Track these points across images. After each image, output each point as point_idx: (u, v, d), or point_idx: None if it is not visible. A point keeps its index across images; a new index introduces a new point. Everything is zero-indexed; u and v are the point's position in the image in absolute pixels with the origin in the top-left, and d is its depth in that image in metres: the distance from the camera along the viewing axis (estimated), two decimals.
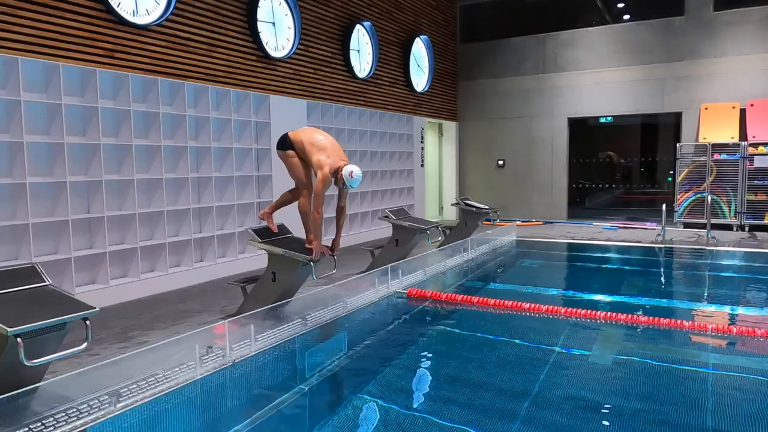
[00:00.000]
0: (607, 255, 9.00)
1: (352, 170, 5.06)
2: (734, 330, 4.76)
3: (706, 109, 11.08)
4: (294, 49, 8.28)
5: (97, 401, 3.21)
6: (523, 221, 12.01)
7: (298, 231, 5.40)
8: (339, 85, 9.46)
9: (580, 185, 16.79)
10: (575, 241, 9.78)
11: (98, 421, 3.11)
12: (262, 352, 4.23)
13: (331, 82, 9.26)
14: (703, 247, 8.88)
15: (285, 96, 8.27)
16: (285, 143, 5.27)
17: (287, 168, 5.33)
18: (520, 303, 5.39)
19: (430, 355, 4.63)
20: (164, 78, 6.47)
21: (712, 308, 5.71)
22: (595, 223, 11.65)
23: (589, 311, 5.17)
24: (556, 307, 5.29)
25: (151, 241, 6.43)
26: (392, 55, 10.96)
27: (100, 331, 4.80)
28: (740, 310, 5.61)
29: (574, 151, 13.58)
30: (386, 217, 6.98)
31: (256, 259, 7.28)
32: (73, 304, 3.26)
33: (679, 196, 10.97)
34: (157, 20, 6.25)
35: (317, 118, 8.95)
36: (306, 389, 3.80)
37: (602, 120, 15.20)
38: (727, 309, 5.64)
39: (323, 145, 5.15)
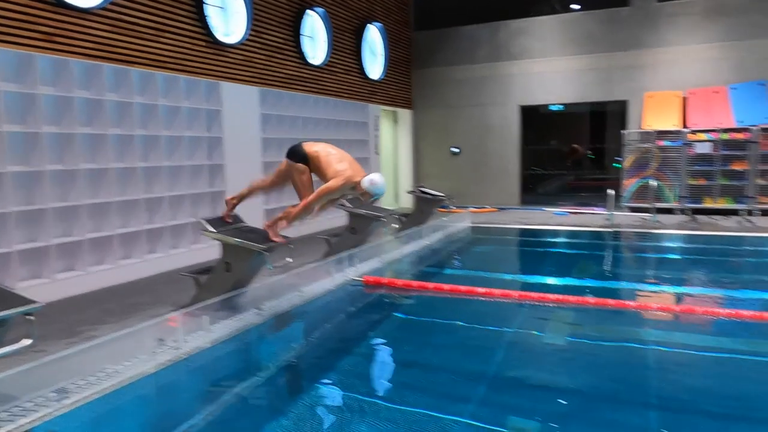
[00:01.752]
0: (557, 240, 9.26)
1: (370, 179, 4.93)
2: (677, 309, 4.99)
3: (651, 97, 11.48)
4: (245, 35, 8.10)
5: (43, 399, 3.11)
6: (477, 208, 12.19)
7: (252, 221, 5.33)
8: (292, 72, 9.33)
9: (533, 172, 17.17)
10: (527, 226, 10.01)
11: (45, 419, 3.00)
12: (217, 344, 4.17)
13: (284, 69, 9.12)
14: (648, 230, 9.23)
15: (237, 83, 8.10)
16: (297, 155, 5.06)
17: (292, 178, 5.12)
18: (474, 288, 5.49)
19: (387, 341, 4.67)
20: (109, 63, 6.24)
21: (656, 288, 5.96)
22: (546, 209, 11.94)
23: (541, 294, 5.31)
24: (509, 291, 5.42)
25: (98, 233, 6.21)
26: (346, 42, 10.88)
27: (45, 327, 4.62)
28: (682, 290, 5.87)
29: (528, 138, 13.87)
30: (342, 205, 6.96)
31: (210, 249, 7.15)
32: (14, 299, 3.13)
33: (625, 182, 11.35)
34: (100, 3, 6.00)
35: (270, 105, 8.82)
36: (264, 379, 3.78)
37: (553, 108, 15.56)
38: (670, 289, 5.89)
39: (341, 158, 5.05)
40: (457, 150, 13.38)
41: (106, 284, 6.13)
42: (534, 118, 15.23)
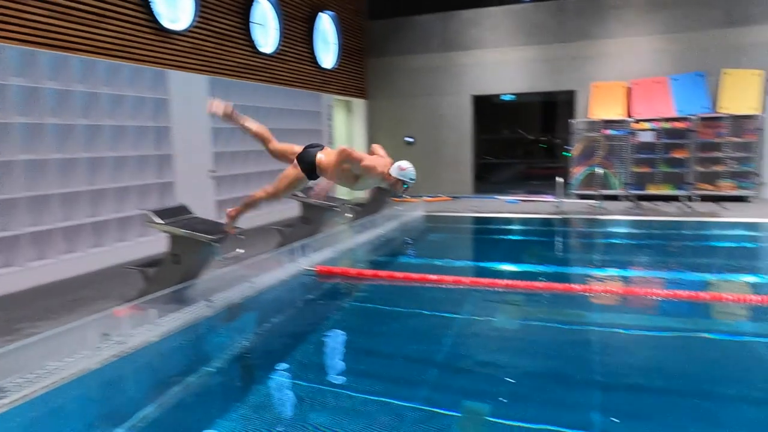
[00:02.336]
0: (508, 227, 9.45)
1: (398, 165, 4.44)
2: (621, 291, 5.18)
3: (597, 87, 11.80)
4: (193, 21, 7.89)
5: None
6: (432, 197, 12.30)
7: (204, 212, 5.22)
8: (243, 61, 9.15)
9: (487, 161, 17.44)
10: (480, 214, 10.17)
11: None
12: (166, 337, 4.09)
13: (234, 58, 8.93)
14: (594, 216, 9.54)
15: (185, 71, 7.89)
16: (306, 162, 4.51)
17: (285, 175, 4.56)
18: (426, 275, 5.55)
19: (340, 329, 4.69)
20: (46, 50, 5.97)
21: (602, 272, 6.16)
22: (498, 197, 12.16)
23: (491, 280, 5.41)
24: (461, 278, 5.50)
25: (38, 226, 5.97)
26: (298, 31, 10.73)
27: None
28: (626, 273, 6.09)
29: (482, 128, 14.04)
30: (294, 195, 6.90)
31: (159, 242, 6.97)
32: None
33: (574, 170, 11.67)
34: None
35: (220, 94, 8.56)
36: (216, 370, 3.72)
37: (504, 98, 15.82)
38: (615, 272, 6.10)
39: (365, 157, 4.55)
40: (411, 140, 13.44)
41: (48, 280, 5.91)
42: (487, 107, 15.44)
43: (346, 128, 13.57)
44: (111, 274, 6.21)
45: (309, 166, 4.47)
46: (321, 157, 4.48)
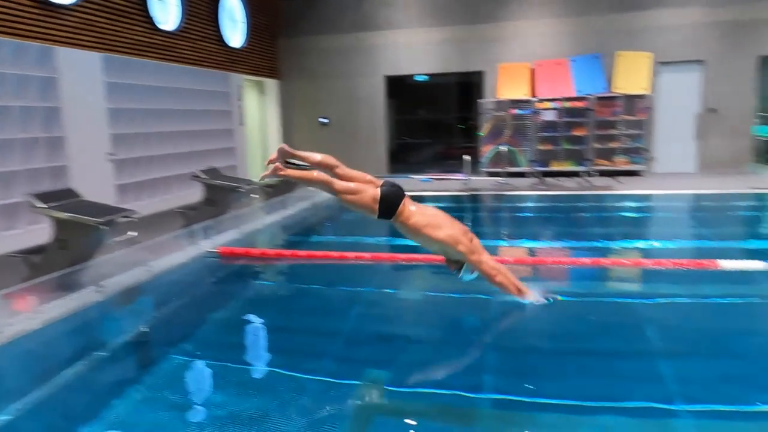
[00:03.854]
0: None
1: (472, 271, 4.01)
2: (527, 260, 5.42)
3: (503, 68, 12.20)
4: None
5: None
6: None
7: (100, 196, 5.01)
8: (141, 38, 8.75)
9: (404, 142, 17.66)
10: None
11: None
12: (50, 324, 3.91)
13: (131, 35, 8.52)
14: (499, 192, 9.94)
15: (76, 48, 7.46)
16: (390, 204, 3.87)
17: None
18: (329, 252, 5.60)
19: (243, 309, 4.64)
20: None
21: (506, 244, 6.42)
22: (412, 176, 12.37)
23: (393, 254, 5.54)
24: (363, 254, 5.59)
25: None
26: (201, 7, 10.37)
27: None
28: (530, 244, 6.37)
29: (400, 109, 14.17)
30: (196, 177, 6.74)
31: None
32: None
33: (483, 148, 12.06)
34: None
35: (116, 73, 8.23)
36: (109, 355, 3.60)
37: (418, 78, 16.04)
38: (518, 243, 6.37)
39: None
40: (325, 120, 13.39)
41: None
42: (404, 88, 15.60)
43: (259, 109, 13.32)
44: None
45: (389, 209, 3.86)
46: (412, 210, 3.89)
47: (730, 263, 4.86)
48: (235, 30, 11.44)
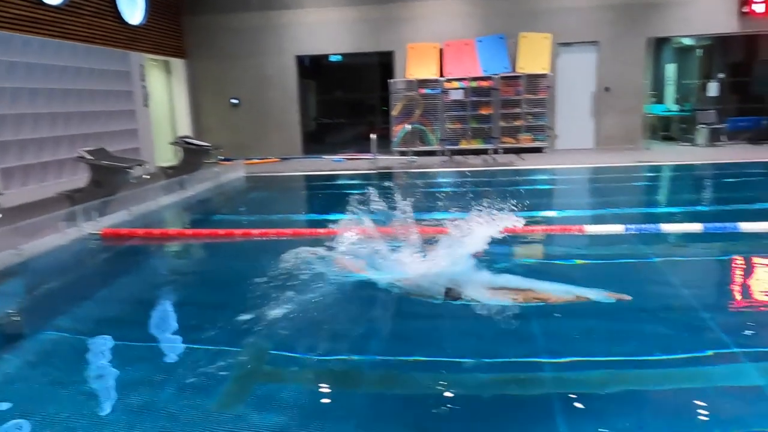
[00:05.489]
0: (327, 183, 9.72)
1: None
2: (421, 230, 5.50)
3: (413, 48, 12.35)
4: None
5: None
6: (259, 159, 12.21)
7: None
8: (24, 13, 8.25)
9: (322, 122, 17.58)
10: (299, 173, 10.34)
11: None
12: None
13: (11, 9, 8.01)
14: (407, 170, 10.13)
15: None
16: None
17: None
18: (215, 230, 5.57)
19: (126, 287, 4.58)
20: None
21: (407, 217, 6.50)
22: (325, 157, 12.40)
23: (279, 230, 5.54)
24: (250, 230, 5.59)
25: None
26: None
27: None
28: (428, 216, 6.48)
29: (319, 89, 13.94)
30: (81, 158, 6.50)
31: None
32: None
33: (395, 128, 12.21)
34: None
35: None
36: None
37: (332, 59, 15.96)
38: (413, 216, 6.46)
39: None
40: (236, 101, 13.13)
41: None
42: (322, 69, 15.46)
43: (166, 90, 12.88)
44: None
45: None
46: None
47: (594, 227, 5.22)
48: (134, 6, 10.97)
